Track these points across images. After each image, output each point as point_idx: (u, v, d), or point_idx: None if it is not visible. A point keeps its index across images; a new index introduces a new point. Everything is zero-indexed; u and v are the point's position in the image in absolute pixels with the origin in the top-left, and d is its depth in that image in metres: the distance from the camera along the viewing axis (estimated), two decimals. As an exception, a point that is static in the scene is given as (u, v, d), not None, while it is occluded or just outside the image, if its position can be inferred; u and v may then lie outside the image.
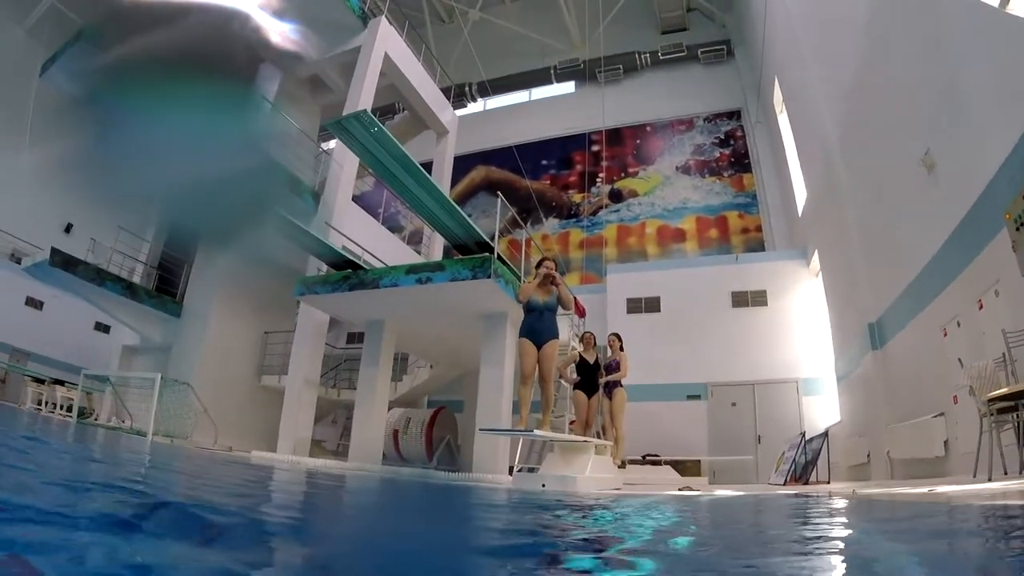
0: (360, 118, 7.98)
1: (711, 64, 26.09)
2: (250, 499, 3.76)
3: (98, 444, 8.20)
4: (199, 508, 2.56)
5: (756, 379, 16.20)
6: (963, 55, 7.12)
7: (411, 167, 8.90)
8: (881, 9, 9.54)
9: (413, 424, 16.58)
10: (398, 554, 1.93)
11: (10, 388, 22.01)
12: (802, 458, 11.05)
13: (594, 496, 6.12)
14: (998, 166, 6.44)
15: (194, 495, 3.52)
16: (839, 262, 13.70)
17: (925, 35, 8.06)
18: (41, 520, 1.65)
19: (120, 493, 2.74)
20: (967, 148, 7.28)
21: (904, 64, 8.89)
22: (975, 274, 7.30)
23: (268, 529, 2.32)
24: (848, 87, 11.56)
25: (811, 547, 2.37)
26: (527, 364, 7.49)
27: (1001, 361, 6.19)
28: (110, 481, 3.33)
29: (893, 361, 10.68)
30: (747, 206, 23.12)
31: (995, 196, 6.53)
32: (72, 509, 2.09)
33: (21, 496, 2.09)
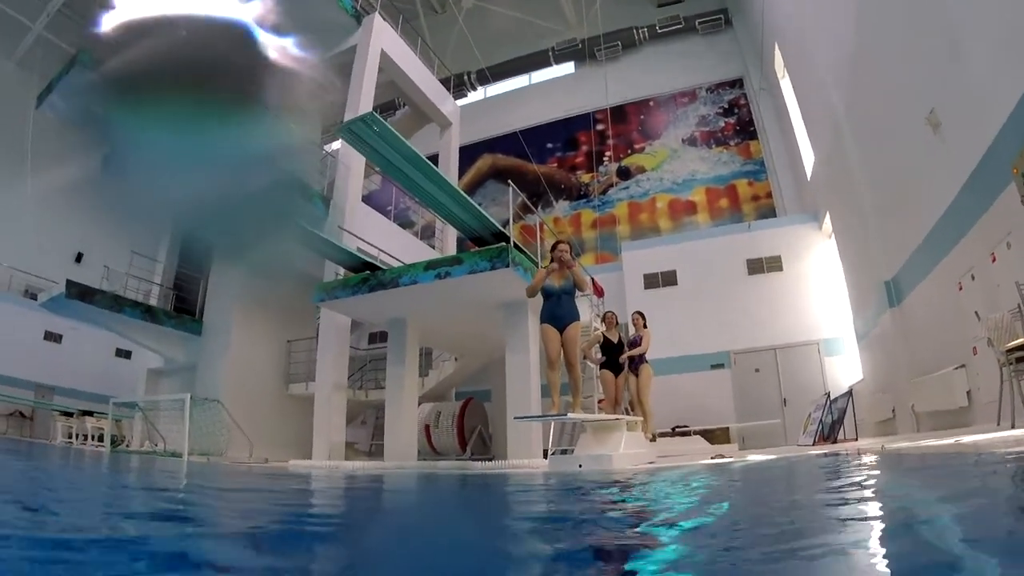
0: (366, 120, 8.15)
1: (710, 34, 26.00)
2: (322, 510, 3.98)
3: (142, 471, 8.44)
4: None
5: (777, 344, 16.39)
6: (964, 12, 7.20)
7: (421, 164, 9.07)
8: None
9: (444, 417, 16.80)
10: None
11: (39, 424, 22.45)
12: (828, 417, 11.23)
13: (632, 472, 6.34)
14: (1003, 121, 6.55)
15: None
16: (851, 223, 13.80)
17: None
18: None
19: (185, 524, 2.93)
20: (971, 105, 7.38)
21: (905, 23, 8.95)
22: (986, 228, 7.43)
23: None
24: (849, 49, 11.61)
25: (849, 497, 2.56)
26: (552, 349, 7.61)
27: (1017, 312, 6.34)
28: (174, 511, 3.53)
29: (911, 317, 10.81)
30: (756, 173, 23.15)
31: (1001, 151, 6.65)
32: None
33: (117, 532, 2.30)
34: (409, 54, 20.60)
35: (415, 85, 20.84)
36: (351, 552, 2.09)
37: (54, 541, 1.92)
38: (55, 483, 4.93)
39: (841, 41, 11.88)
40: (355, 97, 17.79)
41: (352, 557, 1.99)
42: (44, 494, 3.67)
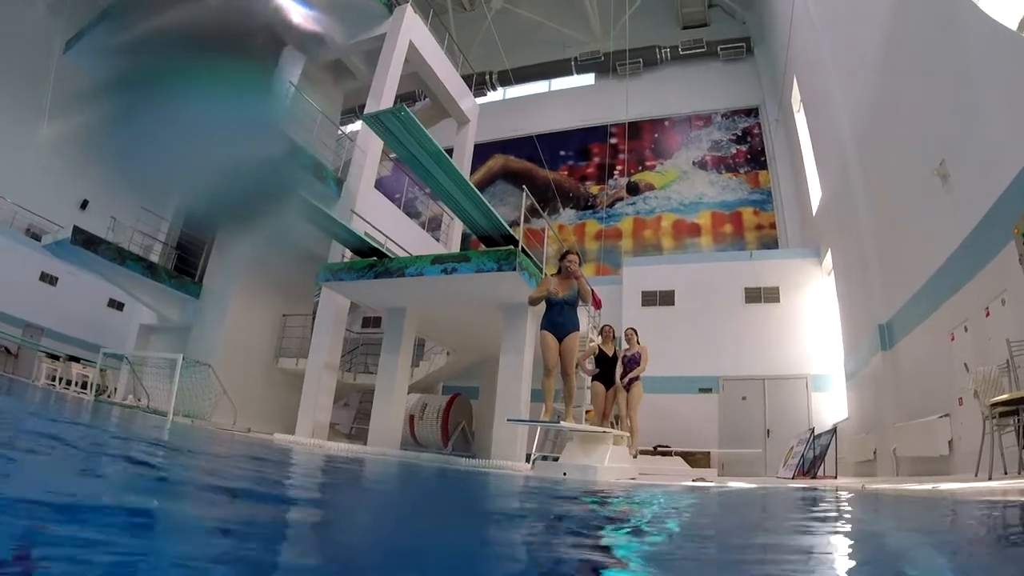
0: (396, 113, 8.29)
1: (731, 61, 26.25)
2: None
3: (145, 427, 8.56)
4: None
5: (767, 374, 16.55)
6: (981, 72, 7.39)
7: (443, 161, 9.21)
8: (903, 20, 9.77)
9: (429, 410, 16.90)
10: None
11: (23, 362, 22.38)
12: (810, 453, 11.41)
13: (616, 485, 6.49)
14: (1009, 181, 6.74)
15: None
16: (852, 263, 13.99)
17: (945, 49, 8.31)
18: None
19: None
20: (981, 162, 7.57)
21: (923, 75, 9.15)
22: (983, 282, 7.62)
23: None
24: (867, 92, 11.81)
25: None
26: (550, 357, 7.69)
27: (1005, 367, 6.52)
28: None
29: (902, 362, 10.99)
30: (762, 203, 23.36)
31: (1006, 209, 6.83)
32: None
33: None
34: (436, 48, 20.74)
35: (438, 79, 20.99)
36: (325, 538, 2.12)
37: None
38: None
39: (860, 83, 12.08)
40: (379, 85, 17.91)
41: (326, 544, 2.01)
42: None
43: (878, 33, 10.75)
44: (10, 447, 2.92)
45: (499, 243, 11.45)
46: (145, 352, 17.93)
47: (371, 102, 17.72)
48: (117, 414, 11.50)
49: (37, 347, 22.05)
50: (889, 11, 10.17)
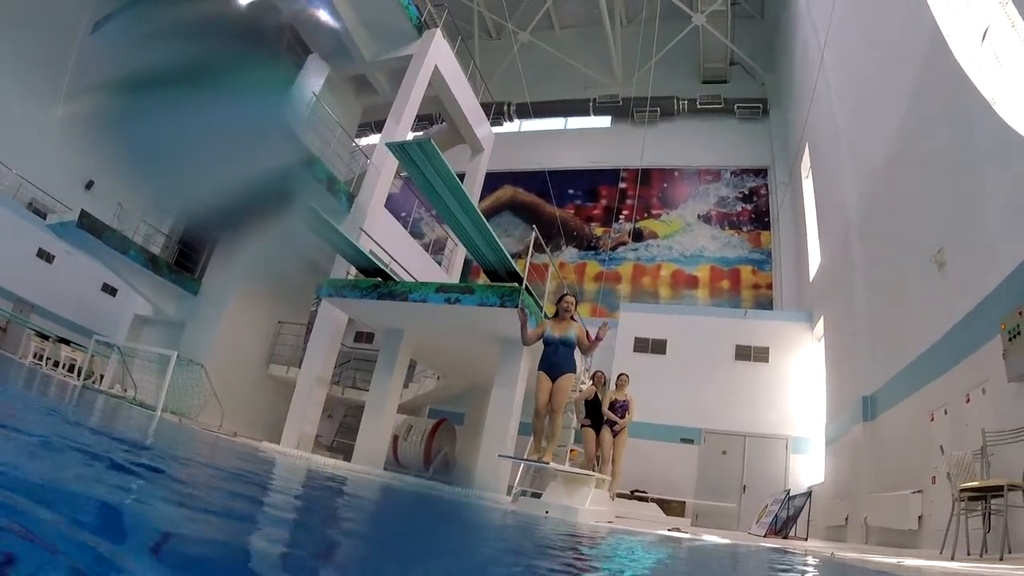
0: (424, 147, 8.56)
1: (745, 120, 26.83)
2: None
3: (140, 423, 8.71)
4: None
5: (749, 431, 16.79)
6: (987, 171, 7.73)
7: (460, 194, 9.50)
8: (919, 110, 10.11)
9: (414, 432, 16.94)
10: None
11: (10, 337, 22.04)
12: (784, 513, 11.63)
13: (595, 528, 6.72)
14: (1003, 278, 7.05)
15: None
16: (843, 332, 14.31)
17: (957, 140, 8.64)
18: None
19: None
20: (977, 255, 7.89)
21: (932, 164, 9.50)
22: (967, 370, 7.90)
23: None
24: (876, 171, 12.17)
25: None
26: (541, 398, 7.86)
27: (979, 454, 6.79)
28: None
29: (881, 434, 11.24)
30: (761, 263, 23.77)
31: (996, 304, 7.13)
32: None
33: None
34: (459, 74, 20.98)
35: (458, 105, 21.20)
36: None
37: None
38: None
39: (870, 159, 12.44)
40: (401, 105, 18.07)
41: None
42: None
43: (894, 118, 11.10)
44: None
45: (503, 278, 11.66)
46: (138, 345, 17.78)
47: (391, 122, 17.96)
48: (107, 404, 11.59)
49: (26, 324, 21.74)
50: (908, 99, 10.50)
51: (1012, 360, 6.58)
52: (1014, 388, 6.61)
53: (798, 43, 20.49)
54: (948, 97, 8.91)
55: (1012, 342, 6.55)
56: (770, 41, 26.84)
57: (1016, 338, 6.50)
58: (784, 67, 24.50)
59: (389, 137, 17.19)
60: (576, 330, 8.11)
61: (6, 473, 1.93)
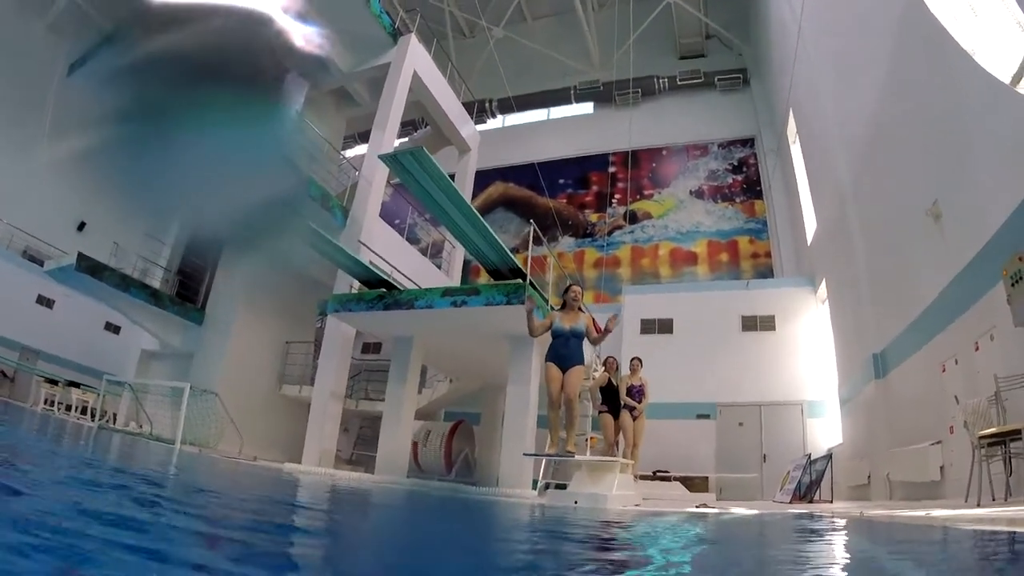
0: (417, 155, 8.65)
1: (727, 91, 26.91)
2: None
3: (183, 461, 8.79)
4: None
5: (763, 400, 16.89)
6: (974, 120, 7.81)
7: (457, 199, 9.60)
8: (901, 64, 10.17)
9: (432, 437, 16.99)
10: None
11: (19, 386, 22.10)
12: (807, 478, 11.73)
13: (626, 512, 6.82)
14: (999, 224, 7.15)
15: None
16: (846, 293, 14.40)
17: (941, 95, 8.72)
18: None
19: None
20: (972, 204, 7.99)
21: (919, 117, 9.58)
22: (973, 318, 8.00)
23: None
24: (863, 130, 12.25)
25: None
26: (554, 388, 7.92)
27: (993, 399, 6.90)
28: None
29: (894, 390, 11.34)
30: (757, 232, 23.88)
31: (995, 251, 7.22)
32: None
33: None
34: (438, 76, 21.01)
35: (440, 108, 21.26)
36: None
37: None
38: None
39: (857, 120, 12.52)
40: (384, 114, 18.14)
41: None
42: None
43: (877, 77, 11.16)
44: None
45: (506, 276, 11.73)
46: (150, 380, 17.87)
47: (376, 132, 18.01)
48: (128, 443, 11.65)
49: (34, 371, 21.86)
50: (889, 58, 10.56)
51: (1017, 305, 6.66)
52: (1022, 332, 6.69)
53: (773, 10, 20.52)
54: (928, 52, 8.98)
55: (1015, 287, 6.64)
56: (744, 11, 26.80)
57: (1019, 283, 6.59)
58: (761, 35, 24.50)
59: (376, 147, 17.25)
60: (585, 320, 8.17)
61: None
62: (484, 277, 25.69)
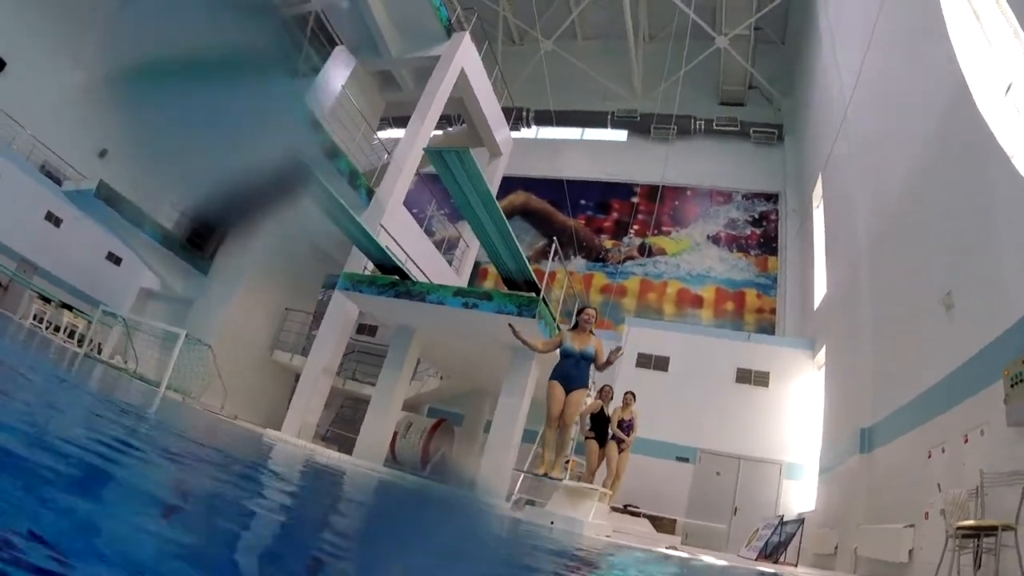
0: (462, 156, 8.80)
1: (760, 144, 27.15)
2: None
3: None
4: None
5: (743, 454, 17.01)
6: (1002, 221, 7.95)
7: (492, 207, 9.74)
8: (935, 153, 10.33)
9: (413, 430, 17.10)
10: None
11: (10, 297, 21.97)
12: (775, 538, 11.84)
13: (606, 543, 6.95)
14: (1008, 326, 7.30)
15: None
16: (844, 364, 14.53)
17: (972, 190, 8.86)
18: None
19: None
20: (987, 301, 8.13)
21: (946, 208, 9.74)
22: (967, 411, 8.13)
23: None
24: (889, 207, 12.41)
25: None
26: (554, 407, 7.99)
27: (974, 493, 7.04)
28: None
29: (877, 467, 11.43)
30: (766, 287, 24.07)
31: (999, 350, 7.37)
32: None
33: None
34: (484, 78, 21.18)
35: (481, 109, 21.45)
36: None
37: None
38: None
39: (885, 198, 12.68)
40: (426, 105, 18.26)
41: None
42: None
43: (912, 158, 11.30)
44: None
45: (520, 286, 11.87)
46: (146, 320, 17.58)
47: (415, 121, 18.15)
48: (111, 376, 11.70)
49: (29, 285, 21.72)
50: (927, 143, 10.68)
51: (1013, 405, 6.81)
52: (1013, 432, 6.84)
53: (817, 73, 20.72)
54: (967, 145, 9.13)
55: (1014, 388, 6.78)
56: (789, 68, 27.14)
57: (1018, 384, 6.73)
58: (801, 95, 24.75)
59: (412, 136, 17.46)
60: (595, 344, 8.27)
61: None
62: (491, 281, 26.13)
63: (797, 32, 25.98)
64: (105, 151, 24.60)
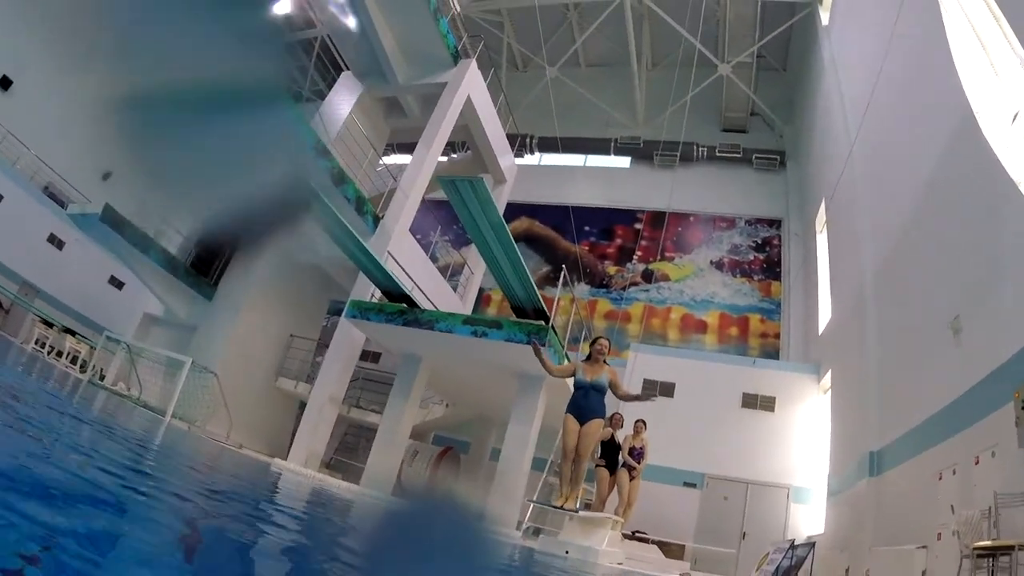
0: (475, 185, 8.92)
1: (762, 170, 27.35)
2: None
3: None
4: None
5: (751, 479, 16.99)
6: (1010, 246, 8.06)
7: (502, 233, 9.84)
8: (944, 177, 10.40)
9: (419, 458, 17.13)
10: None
11: (12, 320, 21.71)
12: (786, 562, 11.80)
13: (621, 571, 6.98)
14: (1017, 349, 7.39)
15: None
16: (851, 388, 14.57)
17: (980, 215, 8.97)
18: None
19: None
20: (993, 327, 8.21)
21: (953, 233, 9.84)
22: (978, 433, 8.18)
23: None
24: (895, 232, 12.51)
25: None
26: (569, 441, 8.01)
27: (987, 514, 7.10)
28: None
29: (887, 490, 11.44)
30: (770, 312, 24.15)
31: (1010, 373, 7.45)
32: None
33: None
34: (489, 105, 21.33)
35: (485, 135, 21.56)
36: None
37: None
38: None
39: (890, 223, 12.78)
40: (432, 132, 18.34)
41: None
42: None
43: (917, 186, 11.42)
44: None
45: (529, 314, 11.93)
46: (150, 346, 17.43)
47: (421, 148, 18.23)
48: (112, 404, 11.60)
49: (30, 308, 21.40)
50: (933, 169, 10.79)
51: (1024, 428, 6.91)
52: (1024, 454, 6.92)
53: (820, 99, 20.95)
54: (973, 172, 9.25)
55: (1025, 411, 6.89)
56: (791, 94, 27.44)
57: (1029, 408, 6.84)
58: (803, 121, 25.01)
59: (419, 163, 17.59)
60: (608, 374, 8.28)
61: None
62: (494, 307, 26.19)
63: (799, 59, 26.31)
64: (109, 173, 24.69)
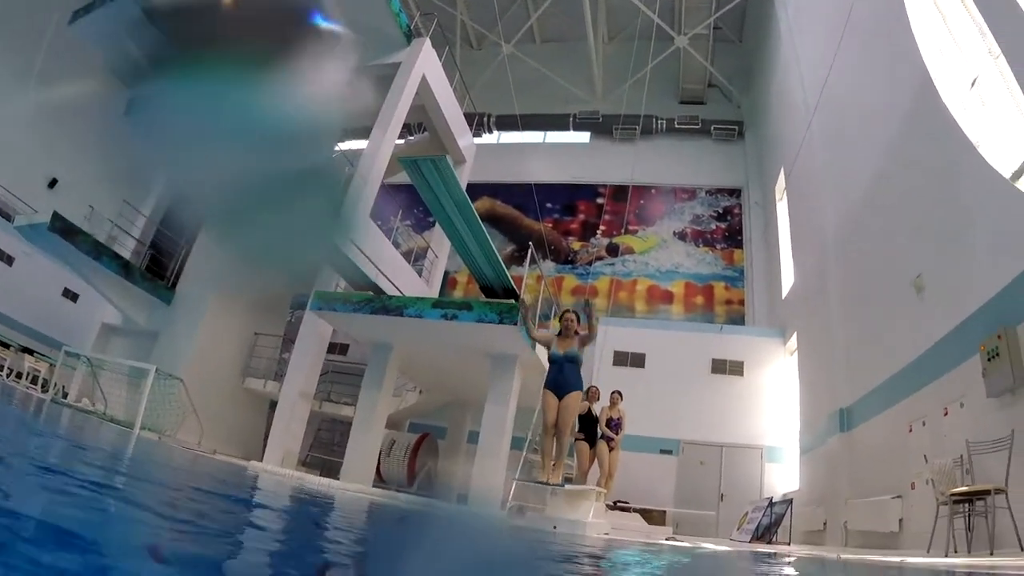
0: (438, 164, 8.86)
1: (721, 141, 27.56)
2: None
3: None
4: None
5: (725, 442, 17.35)
6: (970, 205, 8.26)
7: (468, 213, 9.82)
8: (904, 141, 10.62)
9: (397, 448, 17.00)
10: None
11: None
12: (766, 520, 12.08)
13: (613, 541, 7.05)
14: (981, 304, 7.64)
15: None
16: (817, 348, 14.90)
17: (941, 177, 9.15)
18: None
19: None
20: (956, 283, 8.48)
21: (914, 195, 10.04)
22: (945, 386, 8.46)
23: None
24: (856, 196, 12.75)
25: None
26: (549, 416, 8.08)
27: (959, 462, 7.36)
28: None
29: (858, 444, 11.76)
30: (734, 280, 24.47)
31: (974, 328, 7.71)
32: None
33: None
34: (445, 84, 20.80)
35: (443, 115, 21.02)
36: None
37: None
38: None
39: (851, 188, 13.01)
40: (388, 114, 17.73)
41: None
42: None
43: (878, 148, 11.63)
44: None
45: (499, 294, 11.88)
46: (111, 358, 16.91)
47: (377, 130, 17.65)
48: (84, 422, 11.27)
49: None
50: (893, 135, 11.00)
51: (991, 378, 7.17)
52: (993, 403, 7.18)
53: (777, 70, 21.12)
54: (933, 134, 9.44)
55: (991, 362, 7.13)
56: (747, 65, 27.56)
57: (995, 359, 7.07)
58: (760, 91, 25.20)
59: (375, 146, 17.04)
60: (577, 343, 8.33)
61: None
62: (460, 290, 26.09)
63: (755, 30, 26.37)
64: (55, 180, 23.08)
